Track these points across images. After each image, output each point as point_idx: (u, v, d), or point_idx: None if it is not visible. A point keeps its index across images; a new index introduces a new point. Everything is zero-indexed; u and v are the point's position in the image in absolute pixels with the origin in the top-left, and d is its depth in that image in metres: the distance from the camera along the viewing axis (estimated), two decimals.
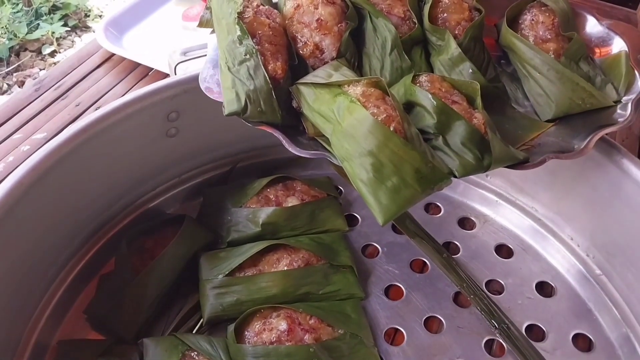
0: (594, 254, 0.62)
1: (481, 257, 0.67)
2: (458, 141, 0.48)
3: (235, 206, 0.68)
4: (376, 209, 0.45)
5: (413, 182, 0.45)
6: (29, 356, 0.56)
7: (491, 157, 0.47)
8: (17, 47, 1.94)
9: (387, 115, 0.46)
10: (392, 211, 0.45)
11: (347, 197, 0.74)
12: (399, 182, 0.45)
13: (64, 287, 0.61)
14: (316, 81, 0.51)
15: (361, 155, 0.45)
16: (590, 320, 0.61)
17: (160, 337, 0.58)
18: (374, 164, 0.45)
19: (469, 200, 0.73)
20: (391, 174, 0.45)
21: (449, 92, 0.51)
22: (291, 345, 0.55)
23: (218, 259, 0.63)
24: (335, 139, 0.47)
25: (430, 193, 0.46)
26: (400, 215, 0.70)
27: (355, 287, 0.63)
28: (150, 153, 0.66)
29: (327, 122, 0.48)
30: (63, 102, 0.88)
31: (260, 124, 0.50)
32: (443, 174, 0.46)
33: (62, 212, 0.59)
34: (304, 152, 0.49)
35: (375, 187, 0.45)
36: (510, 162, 0.49)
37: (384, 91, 0.48)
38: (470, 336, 0.60)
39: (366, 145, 0.45)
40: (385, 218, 0.45)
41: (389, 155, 0.45)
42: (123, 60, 0.93)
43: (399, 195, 0.45)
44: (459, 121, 0.48)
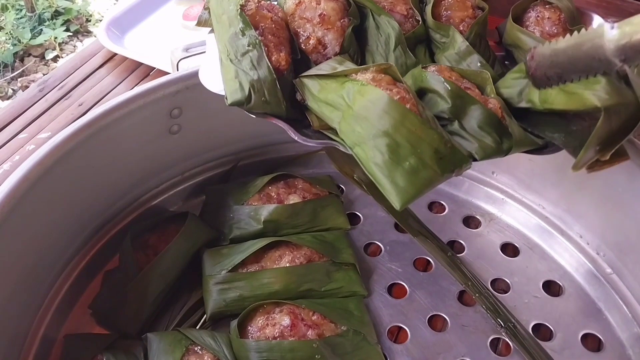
0: (604, 251, 0.61)
1: (486, 256, 0.66)
2: (475, 125, 0.46)
3: (237, 204, 0.68)
4: (392, 192, 0.43)
5: (432, 163, 0.43)
6: (37, 350, 0.56)
7: (510, 140, 0.46)
8: (21, 52, 1.95)
9: (401, 96, 0.44)
10: (410, 194, 0.43)
11: (349, 196, 0.74)
12: (417, 163, 0.42)
13: (69, 282, 0.61)
14: (321, 73, 0.50)
15: (375, 137, 0.43)
16: (599, 320, 0.59)
17: (164, 332, 0.57)
18: (390, 145, 0.43)
19: (474, 199, 0.72)
20: (408, 154, 0.43)
21: (459, 80, 0.50)
22: (294, 341, 0.54)
23: (221, 255, 0.63)
24: (345, 125, 0.45)
25: (450, 176, 0.44)
26: (403, 213, 0.70)
27: (358, 284, 0.62)
28: (153, 150, 0.65)
29: (334, 111, 0.47)
30: (66, 101, 0.88)
31: (264, 115, 0.49)
32: (463, 156, 0.44)
33: (66, 208, 0.58)
34: (310, 141, 0.48)
35: (392, 169, 0.43)
36: (530, 147, 0.47)
37: (394, 77, 0.47)
38: (476, 335, 0.58)
39: (381, 125, 0.43)
40: (403, 201, 0.43)
41: (405, 134, 0.43)
42: (125, 59, 0.93)
43: (417, 176, 0.43)
44: (474, 105, 0.46)
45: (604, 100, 0.41)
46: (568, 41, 0.42)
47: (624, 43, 0.36)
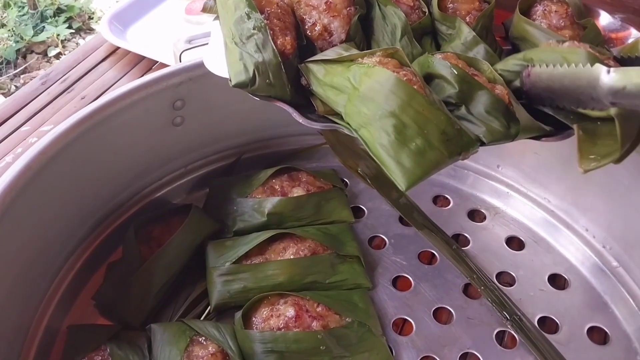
0: (611, 245, 0.61)
1: (491, 250, 0.65)
2: (482, 110, 0.45)
3: (241, 196, 0.67)
4: (398, 173, 0.42)
5: (439, 145, 0.42)
6: (40, 340, 0.56)
7: (518, 126, 0.45)
8: (23, 49, 1.95)
9: (407, 78, 0.44)
10: (416, 175, 0.42)
11: (353, 190, 0.73)
12: (424, 144, 0.42)
13: (72, 273, 0.61)
14: (326, 58, 0.49)
15: (382, 118, 0.43)
16: (605, 313, 0.59)
17: (168, 323, 0.57)
18: (396, 126, 0.42)
19: (479, 192, 0.71)
20: (415, 135, 0.42)
21: (466, 67, 0.50)
22: (299, 332, 0.54)
23: (225, 247, 0.62)
24: (351, 107, 0.45)
25: (456, 159, 0.43)
26: (408, 207, 0.70)
27: (362, 277, 0.62)
28: (157, 142, 0.65)
29: (340, 94, 0.46)
30: (69, 95, 0.87)
31: (268, 97, 0.48)
32: (470, 139, 0.43)
33: (69, 199, 0.58)
34: (314, 123, 0.47)
35: (398, 150, 0.42)
36: (537, 133, 0.46)
37: (401, 62, 0.46)
38: (481, 327, 0.58)
39: (388, 106, 0.42)
40: (409, 182, 0.42)
41: (412, 115, 0.42)
42: (127, 53, 0.93)
43: (424, 158, 0.42)
44: (481, 90, 0.46)
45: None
46: (565, 71, 0.43)
47: (617, 89, 0.38)
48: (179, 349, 0.52)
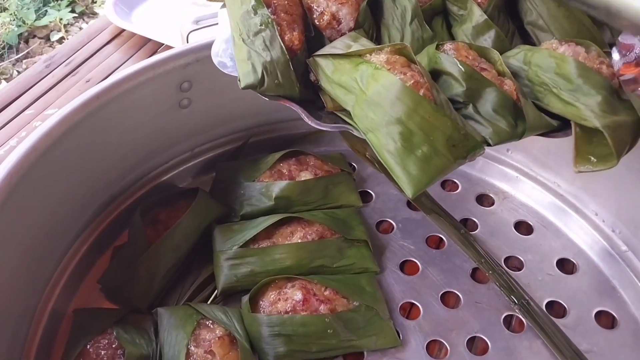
0: (620, 229, 0.60)
1: (500, 234, 0.65)
2: (490, 108, 0.45)
3: (248, 180, 0.67)
4: (405, 180, 0.42)
5: (445, 151, 0.42)
6: (46, 323, 0.56)
7: (525, 124, 0.45)
8: (25, 34, 1.93)
9: (414, 81, 0.43)
10: (422, 182, 0.42)
11: (361, 174, 0.73)
12: (430, 151, 0.42)
13: (78, 257, 0.61)
14: (335, 52, 0.48)
15: (388, 124, 0.43)
16: (614, 297, 0.59)
17: (174, 307, 0.57)
18: (403, 133, 0.42)
19: (488, 177, 0.71)
20: (421, 142, 0.42)
21: (477, 60, 0.49)
22: (306, 315, 0.54)
23: (232, 231, 0.62)
24: (359, 110, 0.45)
25: (462, 163, 0.43)
26: None
27: (370, 261, 0.61)
28: (163, 124, 0.64)
29: (348, 94, 0.46)
30: (73, 78, 0.87)
31: (277, 97, 0.48)
32: (476, 142, 0.43)
33: (75, 181, 0.58)
34: (325, 125, 0.47)
35: (404, 157, 0.42)
36: (544, 130, 0.46)
37: (409, 58, 0.46)
38: (489, 312, 0.58)
39: (394, 112, 0.42)
40: (415, 190, 0.42)
41: (418, 122, 0.42)
42: (133, 36, 0.92)
43: (429, 165, 0.42)
44: (489, 88, 0.45)
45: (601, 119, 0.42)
46: None
47: None
48: (186, 333, 0.52)
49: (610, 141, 0.42)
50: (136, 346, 0.52)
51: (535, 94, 0.47)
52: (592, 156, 0.42)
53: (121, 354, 0.51)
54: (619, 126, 0.43)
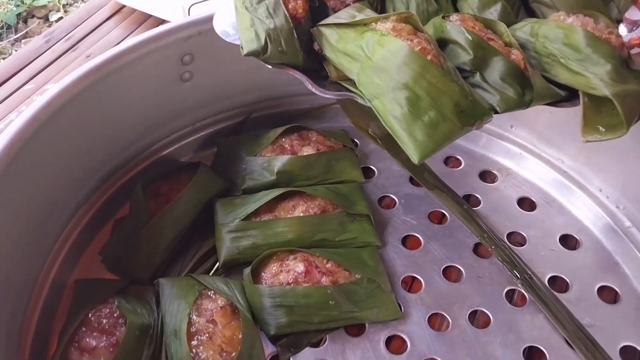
0: (624, 204, 0.60)
1: (502, 210, 0.65)
2: (497, 77, 0.45)
3: (250, 155, 0.67)
4: (411, 146, 0.42)
5: (452, 117, 0.41)
6: (47, 294, 0.56)
7: (532, 92, 0.44)
8: (24, 13, 1.92)
9: (421, 47, 0.42)
10: (429, 148, 0.42)
11: (363, 150, 0.72)
12: (437, 117, 0.41)
13: (79, 228, 0.61)
14: (339, 22, 0.48)
15: (395, 89, 0.42)
16: (617, 273, 0.59)
17: (176, 277, 0.57)
18: (409, 98, 0.42)
19: (491, 153, 0.70)
20: (428, 107, 0.41)
21: (483, 30, 0.48)
22: (308, 286, 0.53)
23: (233, 205, 0.62)
24: (364, 76, 0.44)
25: (470, 130, 0.43)
26: (418, 167, 0.69)
27: (372, 235, 0.61)
28: (165, 97, 0.64)
29: (353, 62, 0.45)
30: (73, 53, 0.86)
31: (280, 65, 0.48)
32: (484, 109, 0.43)
33: (76, 152, 0.57)
34: (328, 92, 0.46)
35: (410, 123, 0.41)
36: (552, 99, 0.45)
37: (415, 27, 0.45)
38: (491, 286, 0.58)
39: (400, 77, 0.42)
40: (421, 155, 0.42)
41: (425, 87, 0.41)
42: (133, 12, 0.91)
43: (436, 130, 0.41)
44: (496, 57, 0.45)
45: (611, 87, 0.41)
46: None
47: None
48: (187, 302, 0.52)
49: (620, 109, 0.41)
50: (138, 315, 0.52)
51: (543, 65, 0.47)
52: (601, 126, 0.42)
53: (123, 323, 0.51)
54: (629, 95, 0.42)
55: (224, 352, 0.48)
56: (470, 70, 0.46)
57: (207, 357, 0.48)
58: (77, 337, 0.50)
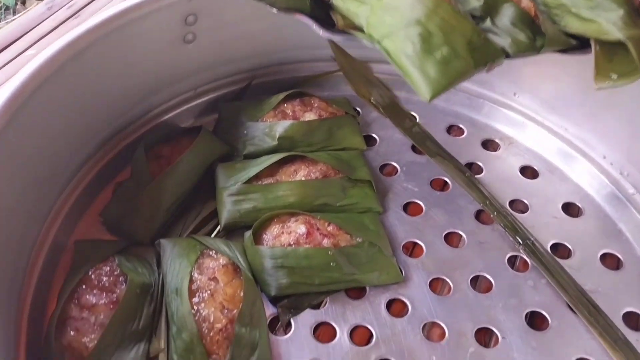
0: (629, 171, 0.60)
1: (505, 178, 0.64)
2: (508, 22, 0.44)
3: (252, 120, 0.66)
4: (422, 83, 0.41)
5: (465, 54, 0.41)
6: (47, 254, 0.56)
7: (543, 38, 0.44)
8: None
9: None
10: (441, 84, 0.41)
11: (365, 118, 0.72)
12: (450, 53, 0.41)
13: (79, 189, 0.60)
14: None
15: (407, 26, 0.41)
16: (620, 240, 0.58)
17: (177, 238, 0.57)
18: (422, 34, 0.41)
19: (494, 122, 0.70)
20: (441, 43, 0.41)
21: None
22: (310, 248, 0.53)
23: (235, 169, 0.62)
24: (374, 18, 0.43)
25: (481, 70, 0.42)
26: (421, 135, 0.69)
27: (373, 201, 0.61)
28: (167, 58, 0.63)
29: (361, 5, 0.44)
30: (75, 21, 0.85)
31: (286, 10, 0.47)
32: (496, 49, 0.42)
33: (77, 112, 0.56)
34: (335, 35, 0.46)
35: (423, 59, 0.41)
36: (563, 46, 0.44)
37: None
38: (493, 252, 0.58)
39: (413, 14, 0.41)
40: (434, 92, 0.41)
41: (438, 23, 0.41)
42: None
43: (449, 67, 0.41)
44: (507, 3, 0.44)
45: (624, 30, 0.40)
46: None
47: None
48: (189, 261, 0.52)
49: (633, 53, 0.40)
50: (138, 274, 0.52)
51: (552, 17, 0.46)
52: (613, 73, 0.41)
53: (123, 281, 0.51)
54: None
55: (225, 309, 0.48)
56: (481, 16, 0.45)
57: (208, 314, 0.48)
58: (77, 295, 0.50)
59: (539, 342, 0.51)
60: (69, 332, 0.47)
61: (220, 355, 0.46)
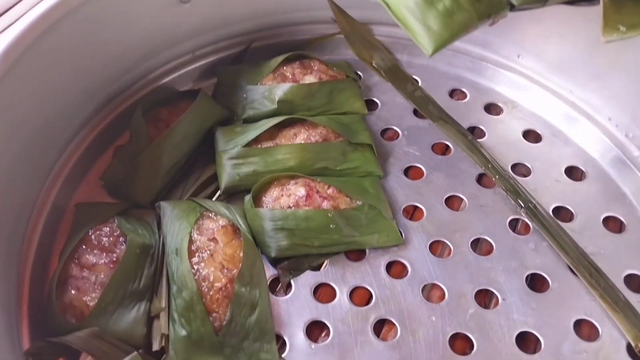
0: (634, 132, 0.59)
1: (507, 142, 0.64)
2: None
3: (251, 84, 0.65)
4: (424, 36, 0.40)
5: (468, 6, 0.40)
6: (47, 217, 0.56)
7: None
8: None
9: None
10: (443, 37, 0.40)
11: (367, 82, 0.71)
12: (452, 5, 0.40)
13: (79, 152, 0.60)
14: None
15: None
16: (623, 203, 0.58)
17: (177, 200, 0.57)
18: None
19: (497, 85, 0.69)
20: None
21: None
22: (309, 210, 0.53)
23: (234, 132, 0.61)
24: None
25: (485, 22, 0.41)
26: (423, 99, 0.68)
27: (374, 165, 0.60)
28: (164, 19, 0.62)
29: None
30: None
31: None
32: (501, 0, 0.41)
33: (74, 70, 0.56)
34: None
35: (424, 12, 0.40)
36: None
37: None
38: (494, 215, 0.57)
39: None
40: (436, 45, 0.40)
41: None
42: None
43: (452, 19, 0.40)
44: None
45: None
46: None
47: None
48: (189, 222, 0.51)
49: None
50: (138, 235, 0.51)
51: None
52: (621, 25, 0.40)
53: (123, 242, 0.51)
54: None
55: (225, 269, 0.48)
56: None
57: (208, 273, 0.48)
58: (77, 254, 0.50)
59: (539, 303, 0.51)
60: (70, 291, 0.47)
61: (220, 314, 0.46)
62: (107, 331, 0.46)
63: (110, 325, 0.47)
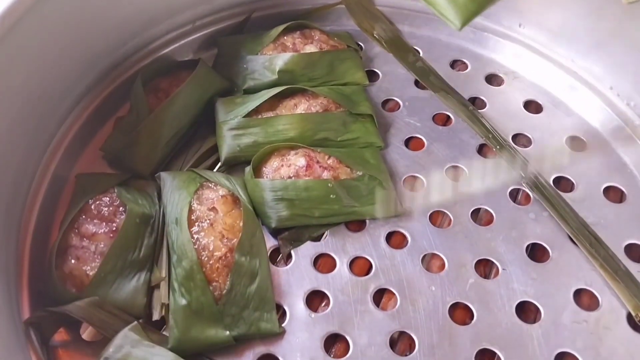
0: (636, 101, 0.58)
1: (508, 112, 0.63)
2: None
3: (251, 54, 0.65)
4: (451, 10, 0.40)
5: None
6: (47, 187, 0.56)
7: None
8: None
9: None
10: (471, 10, 0.40)
11: (368, 54, 0.70)
12: None
13: (80, 122, 0.60)
14: None
15: None
16: (624, 173, 0.58)
17: (177, 171, 0.57)
18: None
19: (498, 56, 0.68)
20: None
21: None
22: (309, 180, 0.53)
23: (234, 103, 0.61)
24: None
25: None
26: (424, 70, 0.67)
27: (375, 136, 0.60)
28: None
29: None
30: None
31: None
32: None
33: (74, 38, 0.55)
34: None
35: None
36: None
37: None
38: (495, 185, 0.57)
39: None
40: (464, 19, 0.40)
41: None
42: None
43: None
44: None
45: None
46: None
47: None
48: (188, 192, 0.51)
49: None
50: (138, 205, 0.51)
51: None
52: None
53: (123, 211, 0.51)
54: None
55: (225, 239, 0.48)
56: None
57: (207, 242, 0.48)
58: (77, 224, 0.50)
59: (539, 273, 0.51)
60: (70, 260, 0.47)
61: (220, 283, 0.47)
62: (107, 301, 0.47)
63: (110, 295, 0.47)
